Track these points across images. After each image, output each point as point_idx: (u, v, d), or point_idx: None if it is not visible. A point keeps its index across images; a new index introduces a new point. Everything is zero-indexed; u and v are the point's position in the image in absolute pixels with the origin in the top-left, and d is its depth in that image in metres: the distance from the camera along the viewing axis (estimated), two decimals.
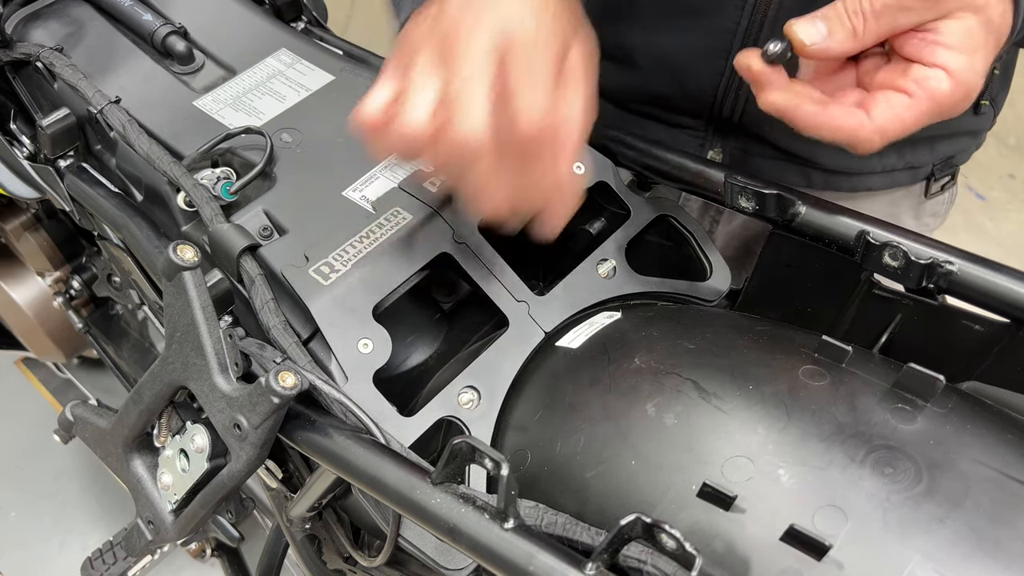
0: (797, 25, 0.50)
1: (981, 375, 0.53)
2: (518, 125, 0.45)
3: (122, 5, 0.73)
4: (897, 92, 0.49)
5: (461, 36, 0.46)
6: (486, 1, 0.46)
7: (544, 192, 0.48)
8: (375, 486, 0.44)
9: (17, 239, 1.05)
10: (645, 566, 0.38)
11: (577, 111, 0.48)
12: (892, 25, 0.49)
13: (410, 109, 0.46)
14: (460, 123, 0.44)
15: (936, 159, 0.83)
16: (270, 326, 0.52)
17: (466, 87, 0.45)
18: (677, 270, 0.64)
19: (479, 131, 0.44)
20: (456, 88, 0.45)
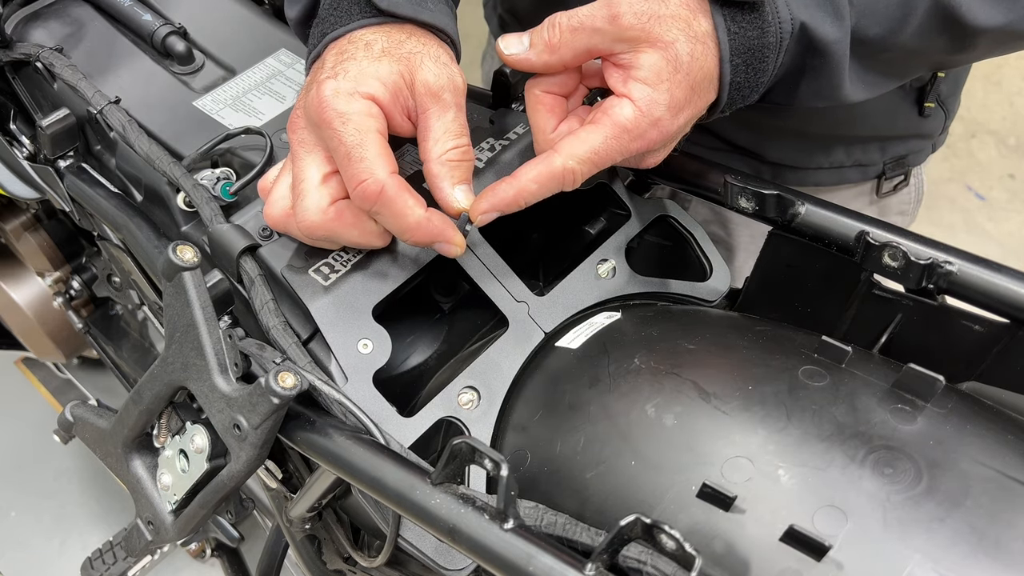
0: (504, 39, 0.54)
1: (981, 375, 0.53)
2: (352, 195, 0.50)
3: (122, 5, 0.73)
4: (590, 122, 0.52)
5: (291, 128, 0.53)
6: (311, 78, 0.53)
7: (408, 236, 0.52)
8: (375, 487, 0.44)
9: (17, 239, 1.05)
10: (645, 567, 0.38)
11: (433, 153, 0.52)
12: (587, 44, 0.52)
13: (275, 200, 0.53)
14: (357, 184, 0.49)
15: (887, 158, 0.85)
16: (270, 327, 0.52)
17: (297, 174, 0.52)
18: (677, 270, 0.64)
19: (378, 179, 0.49)
20: (342, 160, 0.50)
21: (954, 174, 2.15)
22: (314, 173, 0.51)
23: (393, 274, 0.55)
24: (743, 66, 0.52)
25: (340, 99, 0.50)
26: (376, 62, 0.52)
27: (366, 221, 0.52)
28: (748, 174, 0.59)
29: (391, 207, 0.50)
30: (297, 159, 0.53)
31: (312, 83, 0.52)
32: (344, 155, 0.49)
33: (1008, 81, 2.25)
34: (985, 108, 2.21)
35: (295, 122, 0.53)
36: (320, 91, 0.50)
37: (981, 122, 2.19)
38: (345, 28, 0.55)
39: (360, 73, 0.51)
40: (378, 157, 0.50)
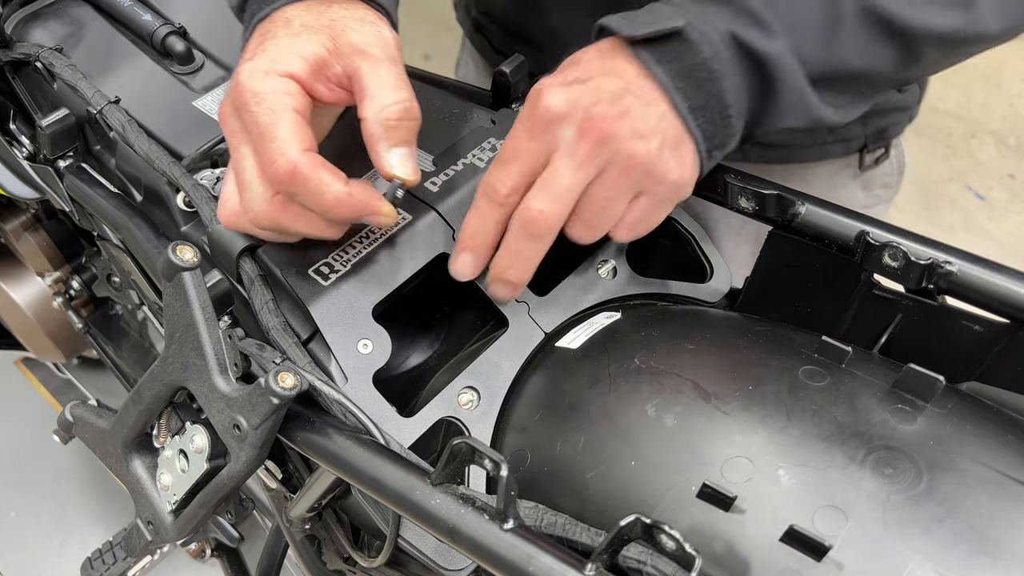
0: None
1: (981, 375, 0.53)
2: (271, 181, 0.49)
3: (122, 5, 0.73)
4: None
5: (221, 120, 0.52)
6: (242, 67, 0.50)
7: (332, 214, 0.50)
8: (375, 487, 0.44)
9: (17, 239, 1.05)
10: (645, 567, 0.38)
11: (373, 109, 0.50)
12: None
13: (224, 200, 0.53)
14: (270, 164, 0.48)
15: (868, 132, 0.86)
16: (269, 327, 0.52)
17: (236, 166, 0.51)
18: (677, 271, 0.64)
19: (289, 158, 0.48)
20: (256, 140, 0.49)
21: (954, 174, 2.15)
22: (252, 162, 0.50)
23: (393, 274, 0.55)
24: (692, 88, 0.50)
25: (256, 79, 0.49)
26: (295, 38, 0.51)
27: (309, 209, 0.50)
28: (748, 174, 0.59)
29: (306, 186, 0.48)
30: (233, 151, 0.51)
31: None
32: (258, 136, 0.48)
33: (1008, 82, 2.25)
34: (985, 108, 2.21)
35: (223, 113, 0.52)
36: (238, 75, 0.49)
37: (981, 122, 2.19)
38: (270, 8, 0.54)
39: (277, 51, 0.50)
40: (291, 136, 0.48)
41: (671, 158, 0.50)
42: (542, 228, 0.50)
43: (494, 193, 0.51)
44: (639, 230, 0.54)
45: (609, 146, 0.49)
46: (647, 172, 0.50)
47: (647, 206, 0.52)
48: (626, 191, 0.51)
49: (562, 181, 0.49)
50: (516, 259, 0.52)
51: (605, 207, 0.51)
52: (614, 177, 0.50)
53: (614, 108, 0.49)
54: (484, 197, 0.52)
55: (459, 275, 0.54)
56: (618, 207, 0.51)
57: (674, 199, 0.53)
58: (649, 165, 0.49)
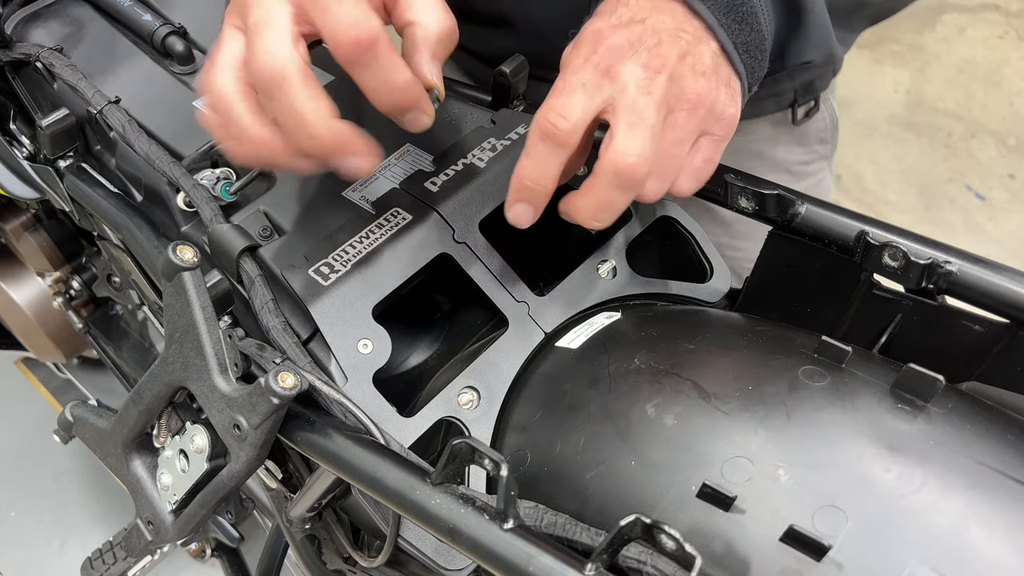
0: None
1: (981, 375, 0.53)
2: (339, 47, 0.44)
3: (122, 5, 0.73)
4: None
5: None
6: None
7: (390, 97, 0.47)
8: (375, 487, 0.44)
9: (17, 239, 1.05)
10: (645, 567, 0.38)
11: (427, 16, 0.47)
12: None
13: (216, 72, 0.47)
14: (259, 53, 0.44)
15: (796, 85, 0.87)
16: (270, 327, 0.52)
17: (260, 25, 0.45)
18: (677, 271, 0.64)
19: (281, 54, 0.44)
20: (252, 28, 0.45)
21: (954, 174, 2.15)
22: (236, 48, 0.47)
23: (393, 274, 0.55)
24: (736, 25, 0.51)
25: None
26: None
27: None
28: (748, 174, 0.59)
29: (379, 58, 0.45)
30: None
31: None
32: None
33: (1008, 81, 2.25)
34: (985, 108, 2.21)
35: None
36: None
37: (981, 122, 2.19)
38: None
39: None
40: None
41: (726, 95, 0.51)
42: (637, 179, 0.47)
43: (554, 130, 0.47)
44: (703, 176, 0.52)
45: (677, 86, 0.48)
46: (710, 110, 0.49)
47: (709, 148, 0.51)
48: (692, 132, 0.50)
49: (649, 120, 0.46)
50: (606, 211, 0.49)
51: (674, 152, 0.49)
52: (683, 118, 0.49)
53: (676, 48, 0.48)
54: (542, 137, 0.48)
55: (517, 224, 0.51)
56: (684, 150, 0.50)
57: (728, 138, 0.52)
58: (711, 102, 0.49)
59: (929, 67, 2.30)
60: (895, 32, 2.42)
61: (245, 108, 0.46)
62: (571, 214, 0.51)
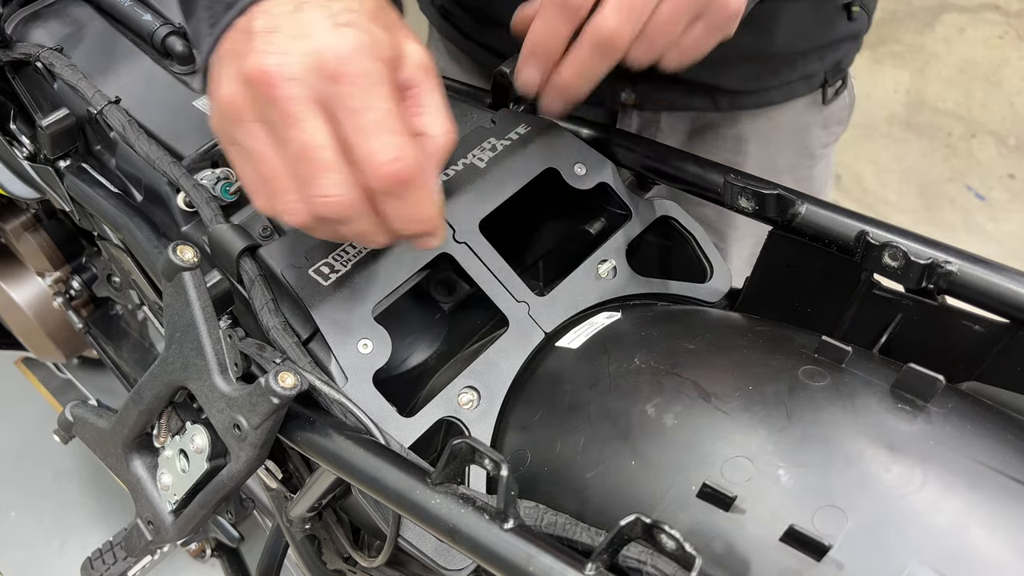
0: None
1: (981, 375, 0.53)
2: (375, 174, 0.42)
3: (122, 5, 0.73)
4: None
5: (275, 86, 0.41)
6: (290, 30, 0.42)
7: (413, 227, 0.46)
8: (375, 487, 0.44)
9: (17, 239, 1.05)
10: (645, 567, 0.38)
11: (437, 129, 0.45)
12: None
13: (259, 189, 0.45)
14: (319, 191, 0.43)
15: (826, 66, 0.90)
16: (270, 327, 0.52)
17: (304, 155, 0.42)
18: (677, 271, 0.64)
19: (343, 200, 0.43)
20: (295, 160, 0.43)
21: (954, 174, 2.15)
22: (328, 137, 0.42)
23: (393, 274, 0.55)
24: None
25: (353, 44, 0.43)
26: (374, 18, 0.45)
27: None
28: (748, 174, 0.59)
29: (417, 191, 0.43)
30: (297, 119, 0.42)
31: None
32: (358, 114, 0.42)
33: (1008, 81, 2.25)
34: (985, 108, 2.21)
35: (279, 71, 0.42)
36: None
37: (981, 122, 2.19)
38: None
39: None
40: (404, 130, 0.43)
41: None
42: (616, 46, 0.50)
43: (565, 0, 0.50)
44: (692, 55, 0.54)
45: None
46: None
47: (703, 32, 0.53)
48: (689, 12, 0.51)
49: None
50: (581, 76, 0.51)
51: (667, 28, 0.51)
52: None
53: None
54: (553, 4, 0.50)
55: (525, 87, 0.53)
56: (678, 28, 0.52)
57: (725, 30, 0.53)
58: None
59: (929, 67, 2.30)
60: (895, 32, 2.42)
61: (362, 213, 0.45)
62: (553, 81, 0.52)
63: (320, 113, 0.42)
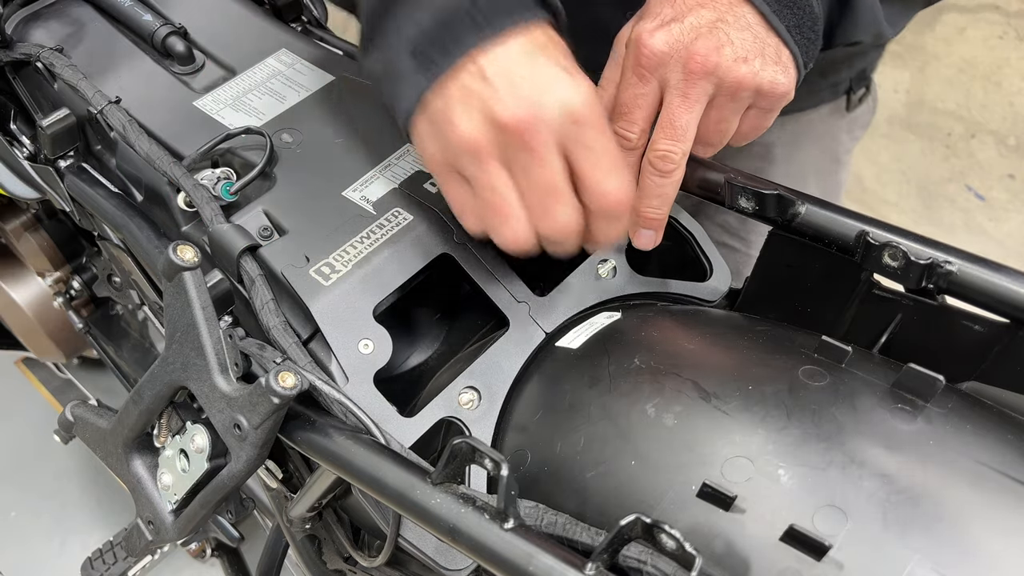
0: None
1: (981, 375, 0.53)
2: (604, 202, 0.50)
3: (122, 5, 0.73)
4: None
5: (531, 134, 0.47)
6: (533, 80, 0.48)
7: (619, 238, 0.54)
8: (375, 486, 0.44)
9: (17, 239, 1.05)
10: (645, 566, 0.38)
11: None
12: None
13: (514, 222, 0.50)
14: (555, 219, 0.50)
15: (853, 74, 0.91)
16: (270, 326, 0.52)
17: (547, 190, 0.49)
18: (677, 270, 0.64)
19: (572, 225, 0.50)
20: (540, 194, 0.49)
21: (954, 174, 2.15)
22: (563, 175, 0.50)
23: (393, 274, 0.55)
24: (786, 9, 0.54)
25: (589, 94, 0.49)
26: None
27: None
28: (748, 174, 0.59)
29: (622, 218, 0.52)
30: (543, 161, 0.48)
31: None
32: (604, 154, 0.50)
33: (1008, 81, 2.25)
34: (985, 108, 2.21)
35: (532, 119, 0.47)
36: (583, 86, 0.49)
37: (981, 122, 2.19)
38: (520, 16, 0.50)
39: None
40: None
41: (778, 72, 0.54)
42: (671, 164, 0.54)
43: (627, 143, 0.55)
44: (752, 136, 0.59)
45: (715, 76, 0.52)
46: (756, 89, 0.54)
47: (757, 116, 0.57)
48: (736, 111, 0.55)
49: (680, 121, 0.53)
50: (656, 199, 0.56)
51: (720, 128, 0.56)
52: (725, 101, 0.54)
53: (712, 40, 0.52)
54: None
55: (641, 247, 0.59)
56: (732, 125, 0.56)
57: (780, 107, 0.57)
58: (756, 83, 0.53)
59: (929, 67, 2.30)
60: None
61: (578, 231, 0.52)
62: (635, 220, 0.57)
63: (560, 153, 0.49)
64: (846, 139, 0.99)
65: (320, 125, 0.64)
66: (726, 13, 0.53)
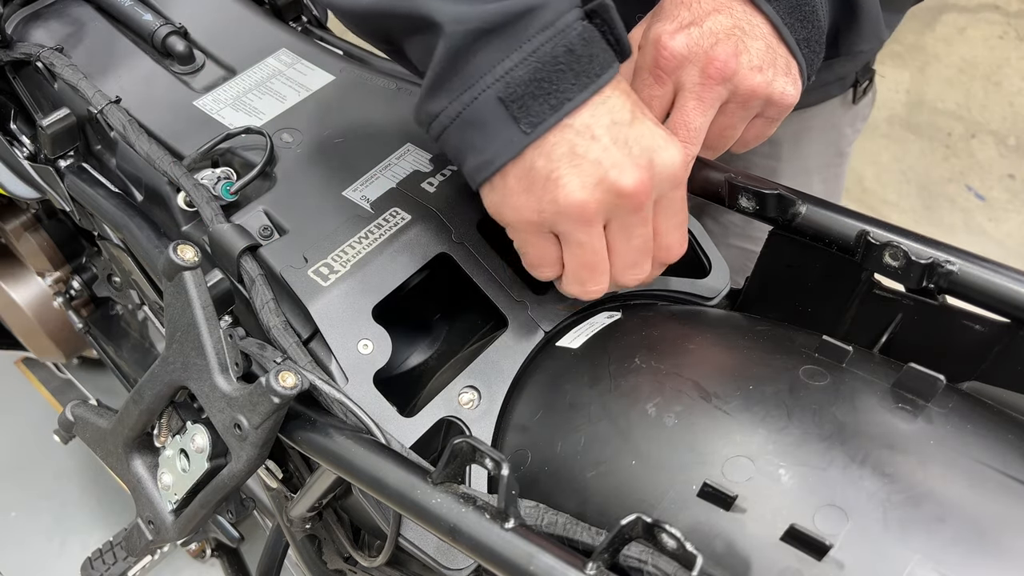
0: None
1: (981, 375, 0.53)
2: (670, 254, 0.53)
3: (122, 5, 0.73)
4: None
5: (644, 198, 0.47)
6: (640, 142, 0.47)
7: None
8: (375, 486, 0.44)
9: (17, 239, 1.05)
10: (646, 566, 0.38)
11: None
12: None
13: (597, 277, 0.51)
14: (640, 273, 0.52)
15: (858, 67, 0.92)
16: (270, 326, 0.52)
17: (641, 248, 0.51)
18: (677, 269, 0.64)
19: (647, 276, 0.53)
20: (635, 254, 0.51)
21: (954, 174, 2.15)
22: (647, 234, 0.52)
23: (393, 274, 0.55)
24: (798, 23, 0.55)
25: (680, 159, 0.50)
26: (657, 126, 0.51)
27: None
28: (749, 174, 0.59)
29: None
30: (637, 225, 0.50)
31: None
32: (677, 214, 0.52)
33: (1008, 81, 2.25)
34: (985, 108, 2.21)
35: (645, 182, 0.47)
36: (672, 147, 0.49)
37: (981, 122, 2.19)
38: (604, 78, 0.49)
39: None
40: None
41: (787, 83, 0.54)
42: (681, 173, 0.52)
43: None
44: (753, 144, 0.60)
45: (731, 82, 0.53)
46: (766, 99, 0.54)
47: (762, 125, 0.58)
48: (745, 118, 0.56)
49: (693, 123, 0.53)
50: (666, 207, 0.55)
51: (727, 133, 0.56)
52: (735, 108, 0.54)
53: (731, 46, 0.52)
54: None
55: None
56: (738, 132, 0.57)
57: (784, 116, 0.58)
58: (768, 93, 0.54)
59: (929, 67, 2.30)
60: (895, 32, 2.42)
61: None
62: None
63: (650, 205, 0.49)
64: (849, 132, 0.99)
65: (320, 125, 0.64)
66: (742, 21, 0.53)
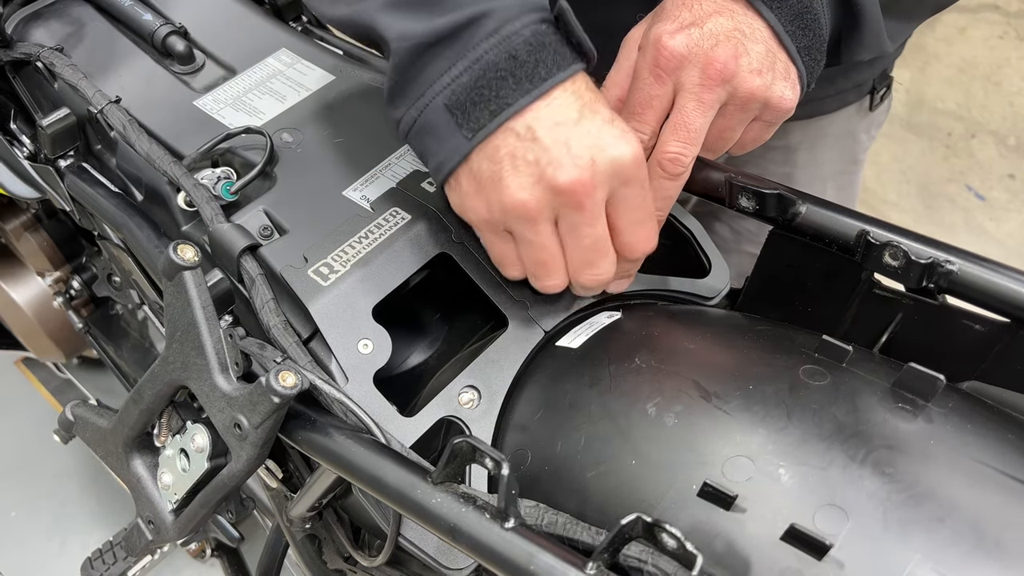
0: None
1: (981, 375, 0.53)
2: (635, 252, 0.52)
3: (122, 5, 0.73)
4: None
5: (586, 196, 0.47)
6: (583, 141, 0.47)
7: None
8: (375, 486, 0.44)
9: (17, 239, 1.05)
10: (646, 566, 0.38)
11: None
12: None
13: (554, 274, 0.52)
14: (598, 272, 0.52)
15: (875, 74, 0.92)
16: (270, 326, 0.52)
17: (593, 247, 0.50)
18: (676, 269, 0.64)
19: (609, 276, 0.53)
20: (587, 251, 0.50)
21: (954, 174, 2.15)
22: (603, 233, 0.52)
23: (393, 273, 0.55)
24: (800, 31, 0.55)
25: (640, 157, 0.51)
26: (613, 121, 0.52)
27: None
28: (749, 174, 0.59)
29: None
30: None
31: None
32: (646, 212, 0.52)
33: (1008, 81, 2.25)
34: (985, 108, 2.21)
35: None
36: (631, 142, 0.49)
37: (981, 122, 2.19)
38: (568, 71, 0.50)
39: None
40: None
41: (785, 88, 0.55)
42: (681, 167, 0.54)
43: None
44: (751, 147, 0.60)
45: (730, 84, 0.53)
46: (764, 102, 0.54)
47: (760, 128, 0.58)
48: (743, 121, 0.56)
49: (693, 124, 0.53)
50: (660, 200, 0.55)
51: (726, 135, 0.57)
52: (734, 110, 0.54)
53: (731, 48, 0.52)
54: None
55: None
56: (736, 134, 0.57)
57: (781, 122, 0.58)
58: (766, 96, 0.54)
59: (929, 67, 2.30)
60: None
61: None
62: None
63: (604, 209, 0.49)
64: (864, 139, 0.99)
65: (320, 125, 0.64)
66: (742, 24, 0.53)
